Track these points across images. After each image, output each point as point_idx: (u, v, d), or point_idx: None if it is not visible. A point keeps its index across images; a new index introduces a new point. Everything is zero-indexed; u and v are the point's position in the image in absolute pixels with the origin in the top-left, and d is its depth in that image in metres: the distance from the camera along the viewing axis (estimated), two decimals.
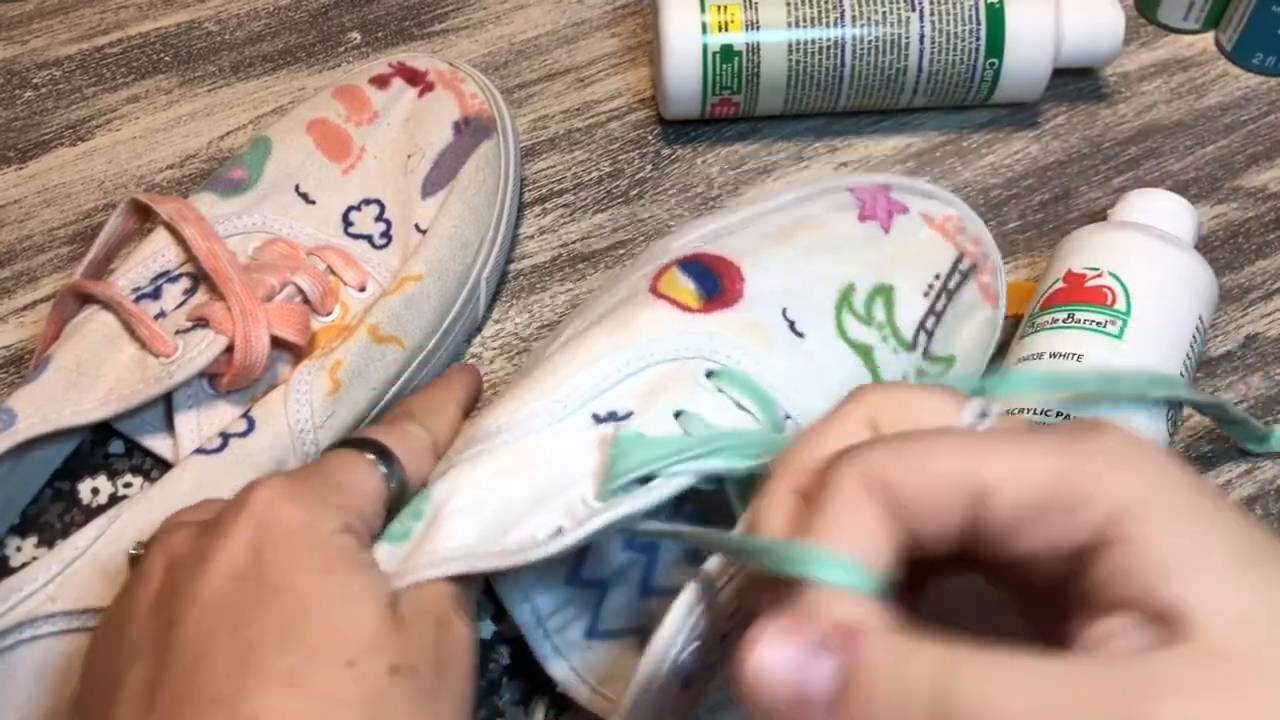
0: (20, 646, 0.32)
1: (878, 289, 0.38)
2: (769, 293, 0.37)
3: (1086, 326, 0.39)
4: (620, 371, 0.34)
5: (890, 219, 0.40)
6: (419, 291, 0.41)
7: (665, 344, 0.34)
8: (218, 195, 0.42)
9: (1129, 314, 0.39)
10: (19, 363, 0.46)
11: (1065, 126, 0.52)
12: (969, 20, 0.47)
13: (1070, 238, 0.43)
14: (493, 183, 0.45)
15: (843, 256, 0.39)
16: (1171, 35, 0.55)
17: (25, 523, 0.38)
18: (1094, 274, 0.40)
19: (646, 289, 0.37)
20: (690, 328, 0.35)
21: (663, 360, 0.34)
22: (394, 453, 0.32)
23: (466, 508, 0.31)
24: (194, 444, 0.37)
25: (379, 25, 0.56)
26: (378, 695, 0.26)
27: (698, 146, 0.51)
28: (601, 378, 0.33)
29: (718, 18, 0.47)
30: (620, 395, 0.33)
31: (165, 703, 0.26)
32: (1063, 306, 0.40)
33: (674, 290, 0.36)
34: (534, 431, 0.32)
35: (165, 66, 0.54)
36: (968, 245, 0.41)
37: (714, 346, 0.35)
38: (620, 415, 0.33)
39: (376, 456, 0.32)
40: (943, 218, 0.41)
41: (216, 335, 0.37)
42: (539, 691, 0.34)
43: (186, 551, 0.28)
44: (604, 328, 0.35)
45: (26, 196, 0.50)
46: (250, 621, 0.26)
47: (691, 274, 0.37)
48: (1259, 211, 0.49)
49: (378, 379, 0.40)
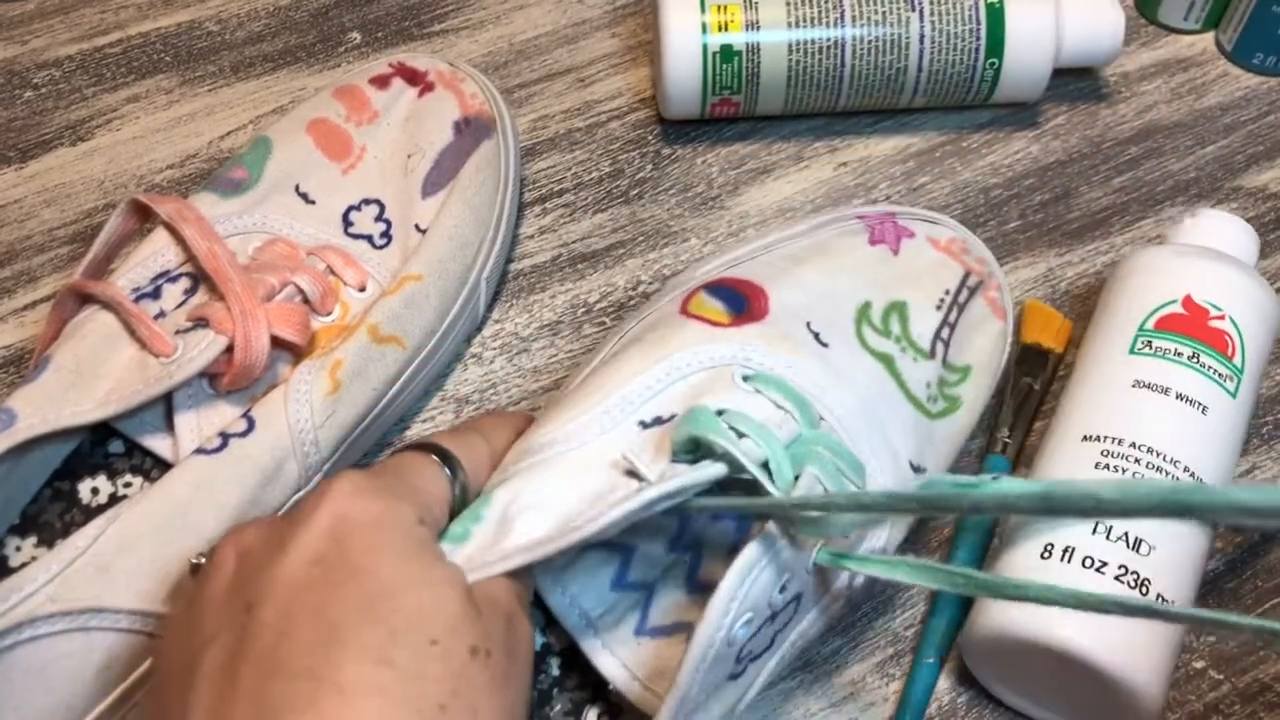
0: (20, 646, 0.32)
1: (892, 305, 0.39)
2: (793, 308, 0.38)
3: (1211, 375, 0.38)
4: (661, 381, 0.35)
5: (899, 243, 0.41)
6: (419, 291, 0.41)
7: (701, 353, 0.36)
8: (218, 195, 0.42)
9: (1242, 373, 0.39)
10: (19, 363, 0.46)
11: (1065, 126, 0.52)
12: (969, 20, 0.47)
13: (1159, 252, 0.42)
14: (493, 183, 0.45)
15: (857, 277, 0.40)
16: (1171, 35, 0.55)
17: (25, 523, 0.38)
18: (1216, 314, 0.39)
19: (677, 312, 0.38)
20: (723, 340, 0.36)
21: (700, 369, 0.35)
22: (458, 458, 0.33)
23: (531, 506, 0.31)
24: (194, 444, 0.37)
25: (379, 25, 0.56)
26: (459, 673, 0.27)
27: (698, 146, 0.51)
28: (644, 388, 0.35)
29: (718, 18, 0.47)
30: (663, 401, 0.34)
31: (248, 678, 0.26)
32: (1187, 340, 0.39)
33: (703, 310, 0.38)
34: (585, 443, 0.33)
35: (165, 66, 0.54)
36: (973, 264, 0.42)
37: (747, 355, 0.36)
38: (665, 418, 0.34)
39: (442, 460, 0.33)
40: (948, 240, 0.42)
41: (216, 335, 0.37)
42: (589, 702, 0.35)
43: (261, 541, 0.29)
44: (640, 347, 0.36)
45: (26, 196, 0.50)
46: (334, 602, 0.27)
47: (718, 295, 0.38)
48: (1259, 211, 0.49)
49: (378, 379, 0.40)
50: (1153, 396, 0.38)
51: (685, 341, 0.36)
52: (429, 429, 0.44)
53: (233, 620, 0.27)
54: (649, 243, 0.48)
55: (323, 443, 0.38)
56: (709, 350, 0.36)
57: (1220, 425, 0.38)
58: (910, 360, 0.39)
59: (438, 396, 0.45)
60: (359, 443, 0.41)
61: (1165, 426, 0.37)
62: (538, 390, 0.45)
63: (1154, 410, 0.38)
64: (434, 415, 0.44)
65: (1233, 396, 0.38)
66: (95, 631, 0.33)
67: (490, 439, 0.35)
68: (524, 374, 0.45)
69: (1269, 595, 0.40)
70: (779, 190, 0.50)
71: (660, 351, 0.36)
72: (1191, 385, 0.38)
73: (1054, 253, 0.48)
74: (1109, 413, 0.38)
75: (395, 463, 0.32)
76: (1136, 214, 0.49)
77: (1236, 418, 0.38)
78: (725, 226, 0.49)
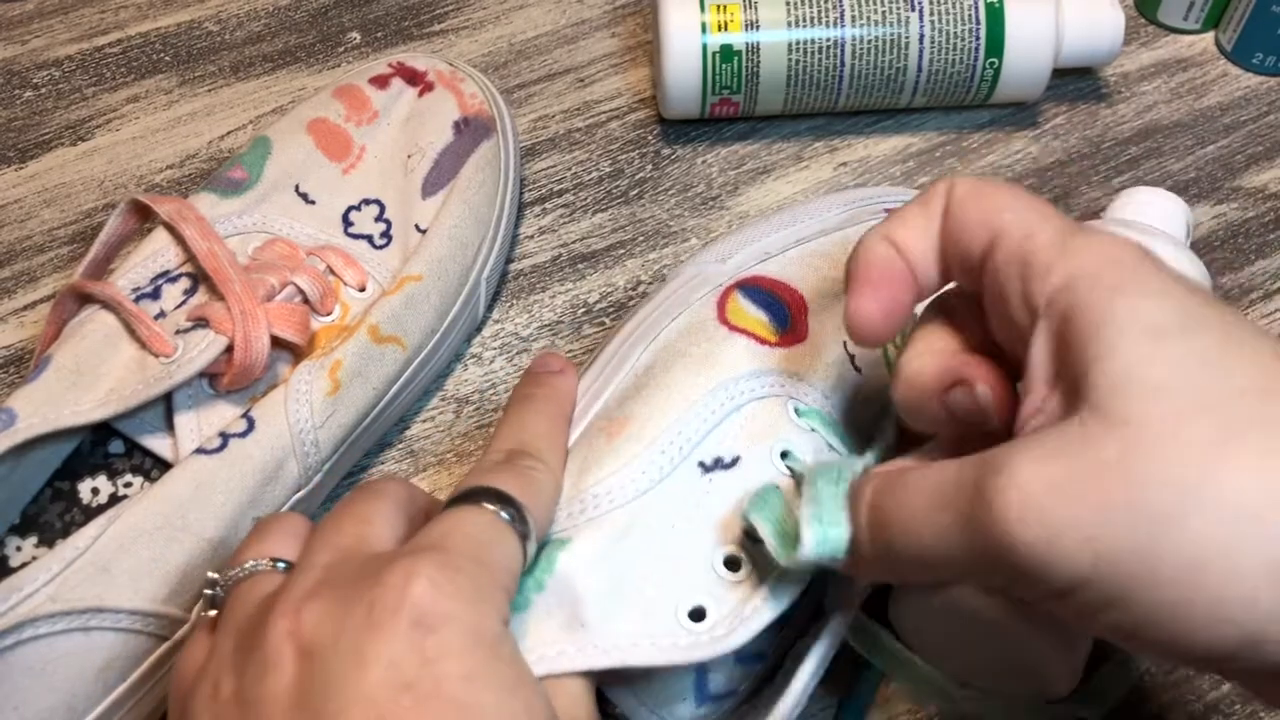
0: (20, 646, 0.32)
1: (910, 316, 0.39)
2: (833, 328, 0.37)
3: None
4: (715, 414, 0.33)
5: None
6: (419, 292, 0.41)
7: (753, 380, 0.34)
8: (218, 195, 0.42)
9: None
10: (19, 363, 0.46)
11: (1065, 126, 0.52)
12: (969, 20, 0.47)
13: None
14: (493, 183, 0.45)
15: None
16: (1171, 35, 0.55)
17: (25, 523, 0.38)
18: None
19: (715, 318, 0.36)
20: (771, 363, 0.35)
21: (753, 398, 0.34)
22: (527, 509, 0.29)
23: (596, 583, 0.30)
24: (194, 444, 0.37)
25: (379, 25, 0.56)
26: None
27: (698, 146, 0.51)
28: (700, 422, 0.33)
29: (717, 18, 0.47)
30: (722, 440, 0.33)
31: None
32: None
33: (746, 322, 0.36)
34: (643, 492, 0.32)
35: (165, 66, 0.54)
36: None
37: (795, 386, 0.35)
38: (727, 462, 0.33)
39: (512, 518, 0.29)
40: None
41: (216, 335, 0.37)
42: None
43: (328, 639, 0.25)
44: (685, 366, 0.35)
45: (26, 196, 0.50)
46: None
47: (758, 302, 0.37)
48: (1259, 211, 0.49)
49: (378, 379, 0.40)
50: None
51: (735, 363, 0.35)
52: (429, 429, 0.44)
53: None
54: (649, 243, 0.48)
55: (323, 443, 0.38)
56: (760, 376, 0.35)
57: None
58: None
59: (438, 396, 0.45)
60: (359, 443, 0.41)
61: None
62: None
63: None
64: (434, 415, 0.44)
65: None
66: (96, 631, 0.33)
67: (551, 460, 0.32)
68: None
69: None
70: (779, 190, 0.50)
71: (710, 375, 0.34)
72: None
73: None
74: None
75: (464, 531, 0.28)
76: None
77: None
78: (725, 227, 0.49)
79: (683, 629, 0.30)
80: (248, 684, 0.26)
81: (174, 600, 0.34)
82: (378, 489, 0.30)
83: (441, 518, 0.29)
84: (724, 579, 0.31)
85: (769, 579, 0.31)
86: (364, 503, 0.30)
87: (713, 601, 0.30)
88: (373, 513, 0.29)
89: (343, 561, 0.27)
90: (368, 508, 0.29)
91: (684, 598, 0.30)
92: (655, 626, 0.30)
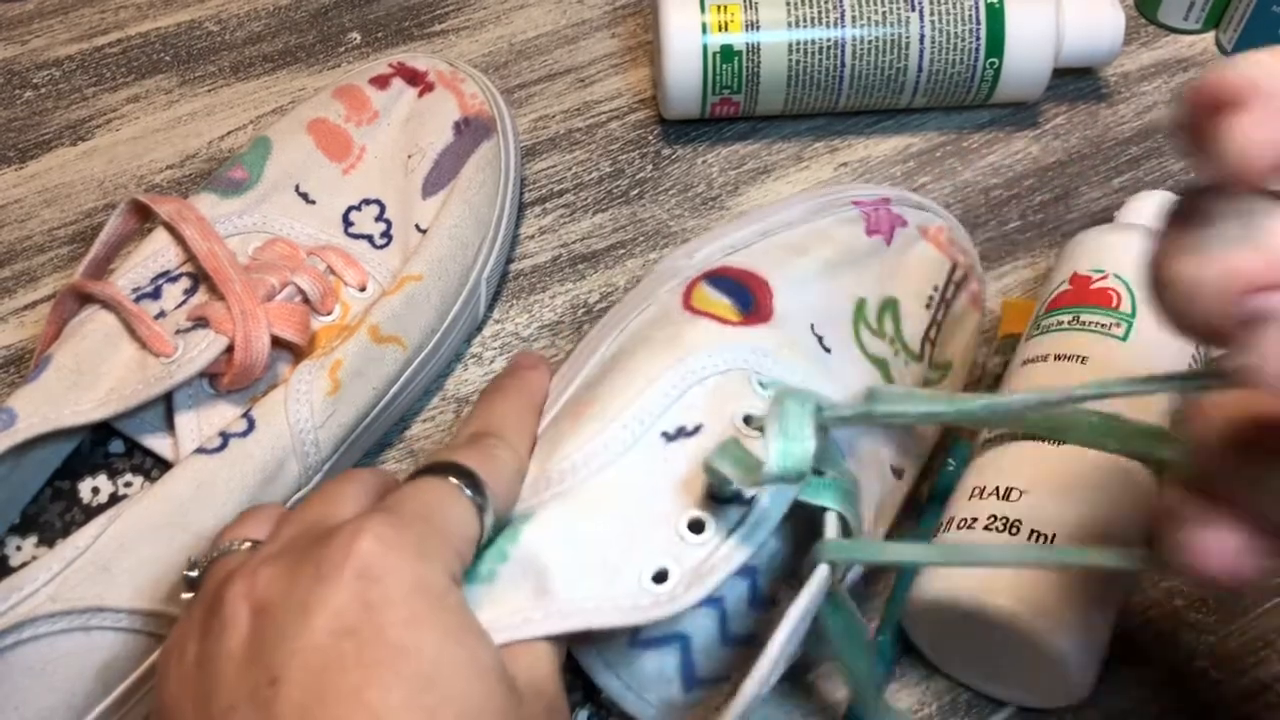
0: (20, 646, 0.32)
1: (885, 303, 0.39)
2: (799, 309, 0.37)
3: (1092, 329, 0.39)
4: (677, 388, 0.34)
5: (892, 232, 0.41)
6: (419, 291, 0.41)
7: (715, 356, 0.35)
8: (218, 195, 0.42)
9: (1134, 316, 0.39)
10: (19, 363, 0.46)
11: (1065, 126, 0.52)
12: (969, 20, 0.47)
13: (1075, 241, 0.43)
14: (493, 183, 0.45)
15: (855, 271, 0.39)
16: (1171, 35, 0.55)
17: (25, 523, 0.38)
18: (1099, 276, 0.40)
19: (680, 305, 0.37)
20: (734, 340, 0.35)
21: (715, 372, 0.34)
22: (486, 483, 0.30)
23: (562, 554, 0.30)
24: (194, 444, 0.37)
25: (379, 25, 0.56)
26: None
27: (698, 146, 0.51)
28: (661, 396, 0.34)
29: (718, 18, 0.47)
30: (684, 410, 0.33)
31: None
32: (1068, 309, 0.40)
33: (710, 305, 0.37)
34: (607, 465, 0.32)
35: (165, 66, 0.54)
36: (959, 255, 0.42)
37: (759, 361, 0.35)
38: (690, 429, 0.33)
39: (469, 488, 0.30)
40: (935, 229, 0.42)
41: (216, 335, 0.37)
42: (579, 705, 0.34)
43: (278, 596, 0.26)
44: (650, 349, 0.35)
45: (26, 196, 0.50)
46: (372, 685, 0.25)
47: (722, 289, 0.37)
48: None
49: (378, 379, 0.40)
50: (1033, 367, 0.39)
51: (697, 341, 0.35)
52: (429, 429, 0.44)
53: (255, 695, 0.25)
54: (649, 243, 0.48)
55: (323, 442, 0.38)
56: (722, 352, 0.35)
57: (1104, 367, 0.38)
58: (902, 364, 0.39)
59: (438, 396, 0.45)
60: (359, 442, 0.41)
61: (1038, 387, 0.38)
62: None
63: (1031, 378, 0.39)
64: (434, 415, 0.44)
65: (1122, 339, 0.39)
66: (96, 631, 0.33)
67: (515, 442, 0.33)
68: None
69: (1269, 595, 0.40)
70: (779, 190, 0.50)
71: (673, 354, 0.35)
72: (1068, 344, 0.39)
73: (1054, 253, 0.48)
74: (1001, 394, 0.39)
75: (418, 497, 0.29)
76: None
77: (1128, 355, 0.38)
78: None
79: (645, 591, 0.30)
80: (208, 645, 0.27)
81: (174, 600, 0.34)
82: (349, 474, 0.31)
83: (401, 487, 0.30)
84: (688, 541, 0.31)
85: (729, 537, 0.31)
86: (333, 486, 0.31)
87: (674, 563, 0.30)
88: (339, 494, 0.30)
89: (302, 533, 0.28)
90: (336, 489, 0.30)
91: (647, 561, 0.30)
92: (618, 590, 0.30)
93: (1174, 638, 0.39)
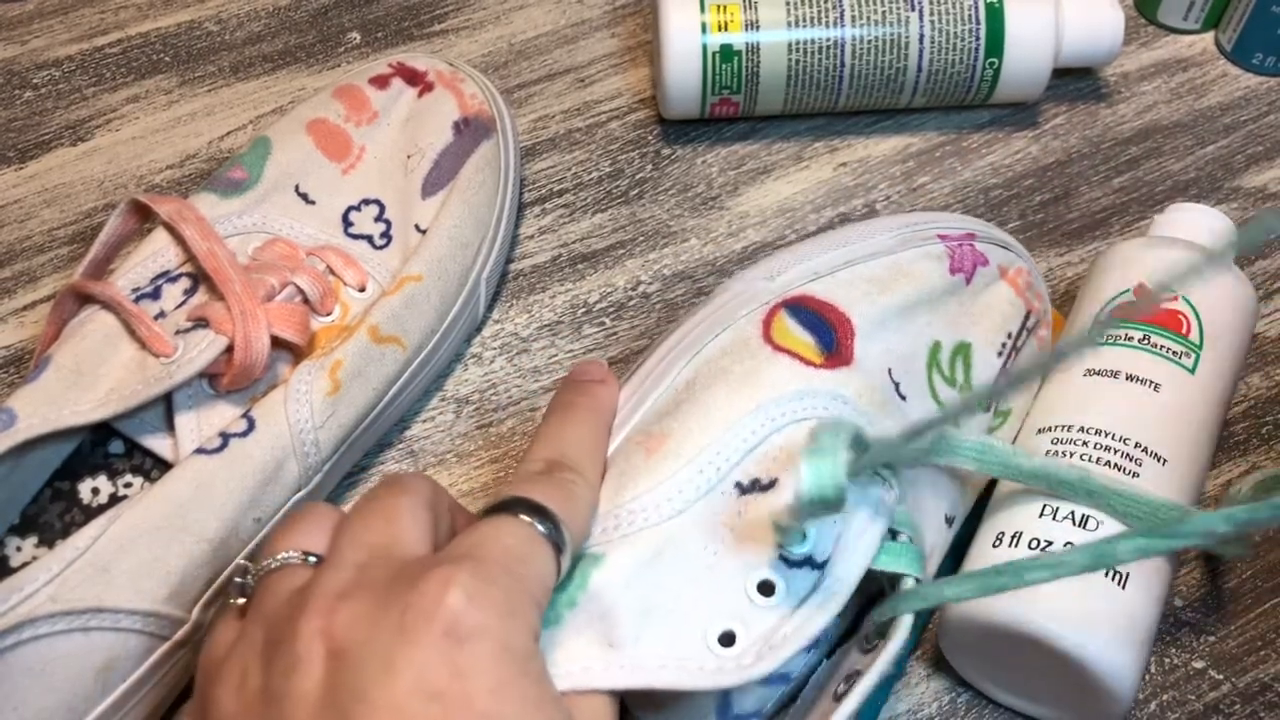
0: (20, 646, 0.32)
1: (958, 347, 0.38)
2: (878, 354, 0.36)
3: (1163, 353, 0.38)
4: (755, 435, 0.33)
5: (974, 271, 0.39)
6: (419, 292, 0.41)
7: (795, 403, 0.34)
8: (218, 195, 0.42)
9: (1201, 348, 0.38)
10: (19, 363, 0.46)
11: (1065, 126, 0.52)
12: (969, 20, 0.47)
13: (1130, 245, 0.42)
14: (493, 183, 0.45)
15: (933, 312, 0.38)
16: (1171, 35, 0.55)
17: (25, 523, 0.38)
18: (1169, 296, 0.39)
19: (760, 337, 0.36)
20: (815, 385, 0.34)
21: (794, 420, 0.34)
22: (564, 523, 0.29)
23: (628, 603, 0.30)
24: (194, 444, 0.37)
25: (379, 25, 0.56)
26: None
27: (698, 146, 0.51)
28: (740, 442, 0.33)
29: (717, 18, 0.47)
30: (760, 461, 0.33)
31: None
32: (1138, 325, 0.39)
33: (791, 342, 0.36)
34: (679, 511, 0.32)
35: (165, 66, 0.54)
36: (1034, 301, 0.41)
37: (839, 408, 0.34)
38: (765, 483, 0.32)
39: (549, 532, 0.29)
40: (1015, 271, 0.40)
41: (216, 335, 0.37)
42: None
43: (358, 642, 0.25)
44: (728, 385, 0.34)
45: (26, 196, 0.50)
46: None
47: (804, 323, 0.36)
48: (1259, 212, 0.49)
49: (378, 379, 0.40)
50: (1102, 382, 0.38)
51: (777, 383, 0.34)
52: (429, 429, 0.44)
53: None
54: (649, 243, 0.48)
55: (323, 443, 0.38)
56: (803, 401, 0.34)
57: (1176, 399, 0.38)
58: (969, 413, 0.38)
59: (438, 396, 0.45)
60: (359, 443, 0.41)
61: (1114, 408, 0.37)
62: (538, 390, 0.45)
63: (1103, 394, 0.38)
64: (434, 415, 0.44)
65: (1190, 371, 0.38)
66: (95, 631, 0.33)
67: (588, 474, 0.32)
68: (524, 374, 0.45)
69: (1269, 595, 0.40)
70: (779, 190, 0.50)
71: (752, 395, 0.34)
72: (1141, 365, 0.38)
73: (1054, 253, 0.48)
74: (1061, 403, 0.38)
75: (500, 542, 0.28)
76: (1136, 214, 0.49)
77: (1197, 391, 0.38)
78: (725, 226, 0.49)
79: (711, 653, 0.30)
80: (275, 679, 0.26)
81: (174, 600, 0.35)
82: (403, 484, 0.30)
83: (478, 526, 0.29)
84: (756, 604, 0.30)
85: (801, 606, 0.30)
86: (391, 498, 0.30)
87: (743, 627, 0.30)
88: (400, 510, 0.29)
89: (374, 562, 0.27)
90: (395, 504, 0.29)
91: (714, 622, 0.30)
92: (683, 649, 0.30)
93: (1174, 638, 0.39)
